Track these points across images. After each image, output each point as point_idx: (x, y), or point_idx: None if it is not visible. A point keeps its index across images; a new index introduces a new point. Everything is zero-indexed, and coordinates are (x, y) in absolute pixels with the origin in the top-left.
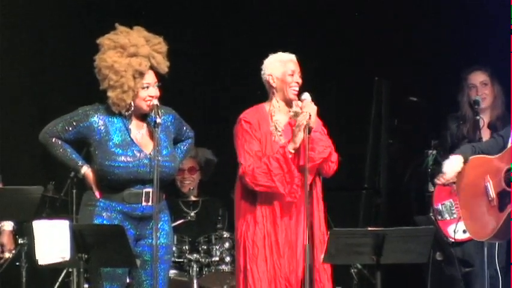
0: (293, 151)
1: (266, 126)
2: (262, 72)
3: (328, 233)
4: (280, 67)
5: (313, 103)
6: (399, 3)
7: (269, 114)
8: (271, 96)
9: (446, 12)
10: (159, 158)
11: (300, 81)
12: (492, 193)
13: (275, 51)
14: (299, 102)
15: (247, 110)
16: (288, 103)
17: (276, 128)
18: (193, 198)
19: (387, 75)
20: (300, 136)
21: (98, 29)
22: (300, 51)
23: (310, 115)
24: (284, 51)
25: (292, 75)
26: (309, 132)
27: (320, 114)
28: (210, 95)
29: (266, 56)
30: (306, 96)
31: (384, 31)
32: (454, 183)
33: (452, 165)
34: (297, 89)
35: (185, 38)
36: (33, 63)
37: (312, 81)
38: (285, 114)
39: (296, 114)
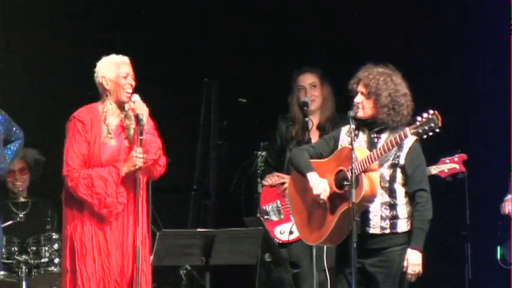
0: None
1: (98, 128)
2: (95, 74)
3: (157, 234)
4: (113, 69)
5: (144, 104)
6: None
7: (102, 115)
8: (104, 98)
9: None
10: None
11: (133, 83)
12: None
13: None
14: (131, 104)
15: (81, 108)
16: (121, 105)
17: (108, 131)
18: (22, 199)
19: (216, 76)
20: (132, 164)
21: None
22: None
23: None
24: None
25: (126, 77)
26: (141, 134)
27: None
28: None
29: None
30: (136, 97)
31: (216, 30)
32: (282, 184)
33: (320, 184)
34: (130, 91)
35: None
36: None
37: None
38: (117, 116)
39: (127, 116)
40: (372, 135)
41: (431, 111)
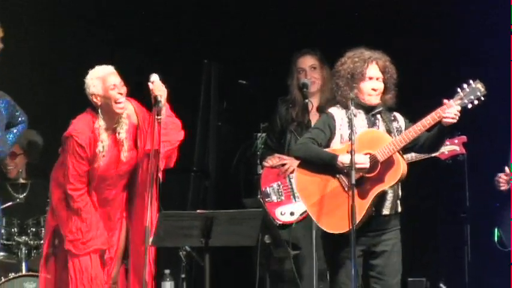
0: None
1: (95, 146)
2: (86, 89)
3: (157, 215)
4: (100, 84)
5: (163, 85)
6: None
7: (96, 132)
8: (97, 111)
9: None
10: None
11: (123, 91)
12: (348, 183)
13: None
14: (150, 84)
15: (79, 123)
16: (114, 118)
17: (102, 149)
18: (22, 181)
19: (216, 58)
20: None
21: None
22: None
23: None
24: None
25: (114, 89)
26: (158, 115)
27: None
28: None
29: None
30: (155, 78)
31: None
32: (283, 165)
33: (362, 158)
34: (123, 100)
35: None
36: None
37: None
38: (111, 130)
39: (119, 123)
40: (371, 117)
41: (471, 81)
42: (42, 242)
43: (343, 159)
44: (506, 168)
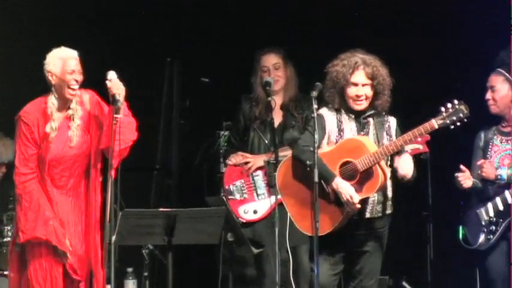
0: None
1: (44, 126)
2: (45, 66)
3: (119, 213)
4: (60, 65)
5: (121, 83)
6: None
7: (47, 112)
8: (50, 92)
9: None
10: None
11: (79, 78)
12: (328, 188)
13: None
14: (108, 82)
15: (28, 105)
16: (66, 102)
17: (52, 129)
18: None
19: (179, 56)
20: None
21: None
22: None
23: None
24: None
25: (72, 73)
26: (117, 113)
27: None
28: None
29: None
30: (113, 76)
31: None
32: (246, 163)
33: (352, 191)
34: (76, 87)
35: None
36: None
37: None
38: (62, 112)
39: (72, 109)
40: (362, 121)
41: (456, 101)
42: (5, 240)
43: (339, 184)
44: (461, 166)
